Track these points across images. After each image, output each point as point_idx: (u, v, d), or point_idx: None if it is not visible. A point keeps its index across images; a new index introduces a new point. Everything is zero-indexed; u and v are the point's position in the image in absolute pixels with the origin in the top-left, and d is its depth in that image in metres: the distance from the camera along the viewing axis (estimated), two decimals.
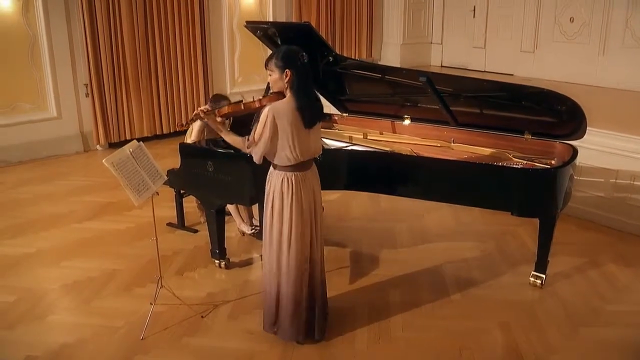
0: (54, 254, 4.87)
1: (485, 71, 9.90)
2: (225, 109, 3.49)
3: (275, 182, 3.36)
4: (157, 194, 3.72)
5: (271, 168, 3.42)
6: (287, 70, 3.19)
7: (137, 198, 3.44)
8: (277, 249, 3.44)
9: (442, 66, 10.80)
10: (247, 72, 9.41)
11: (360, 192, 4.86)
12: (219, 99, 5.09)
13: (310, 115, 3.28)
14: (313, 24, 9.27)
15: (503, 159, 4.32)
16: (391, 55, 10.75)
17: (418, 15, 10.73)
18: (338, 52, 4.82)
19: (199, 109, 3.44)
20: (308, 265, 3.49)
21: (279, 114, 3.19)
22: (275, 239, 3.43)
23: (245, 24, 4.49)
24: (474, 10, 10.04)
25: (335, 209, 5.76)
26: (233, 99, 5.21)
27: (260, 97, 3.47)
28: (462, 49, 10.42)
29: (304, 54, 3.22)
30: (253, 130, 3.28)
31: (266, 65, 3.29)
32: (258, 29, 4.40)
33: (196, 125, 4.95)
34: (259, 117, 3.26)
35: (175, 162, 4.55)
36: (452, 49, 10.71)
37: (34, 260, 4.77)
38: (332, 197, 5.95)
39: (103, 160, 3.38)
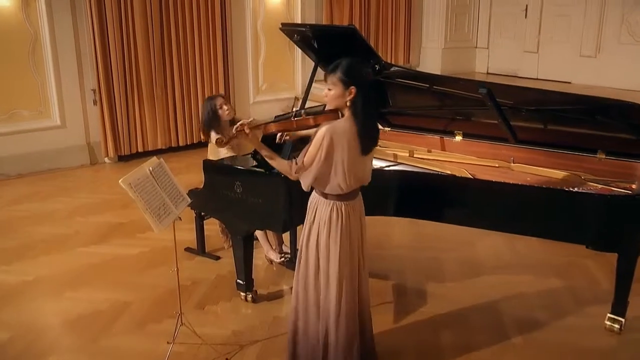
0: (56, 283, 4.79)
1: (537, 79, 9.79)
2: (274, 126, 3.35)
3: (323, 211, 3.26)
4: (180, 219, 3.63)
5: (316, 194, 3.32)
6: (352, 87, 3.07)
7: (158, 224, 3.34)
8: (325, 288, 3.33)
9: (488, 73, 10.73)
10: (272, 79, 9.38)
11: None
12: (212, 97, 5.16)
13: (369, 141, 3.21)
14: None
15: (573, 183, 4.16)
16: (431, 60, 10.69)
17: (462, 17, 10.69)
18: None
19: (242, 122, 3.26)
20: (357, 304, 3.41)
21: (338, 136, 3.08)
22: (322, 277, 3.33)
23: (280, 26, 4.41)
24: (526, 9, 9.95)
25: (374, 235, 5.61)
26: (257, 108, 5.19)
27: (315, 114, 3.34)
28: (512, 54, 10.33)
29: (370, 70, 3.13)
30: (303, 153, 3.18)
31: (326, 78, 3.16)
32: (295, 32, 4.31)
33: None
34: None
35: (194, 178, 4.48)
36: (499, 53, 10.62)
37: (33, 290, 4.69)
38: (369, 221, 5.80)
39: (119, 181, 3.29)
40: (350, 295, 3.34)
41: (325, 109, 3.27)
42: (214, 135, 4.98)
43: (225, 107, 5.03)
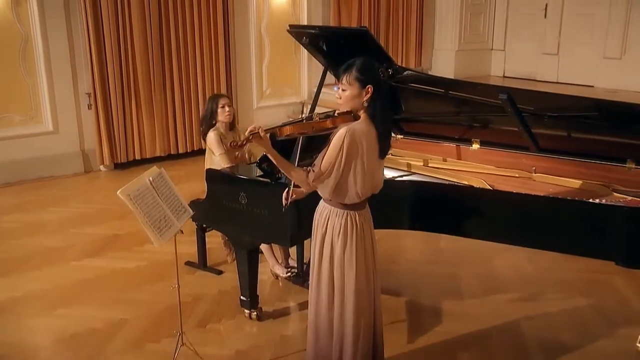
0: (48, 299, 4.75)
1: (557, 82, 9.75)
2: (289, 129, 3.23)
3: (337, 222, 3.23)
4: (182, 232, 3.60)
5: (327, 205, 3.29)
6: (369, 86, 3.06)
7: (159, 238, 3.31)
8: (339, 305, 3.29)
9: (504, 77, 10.71)
10: (277, 84, 9.37)
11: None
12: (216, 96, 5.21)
13: (387, 143, 3.21)
14: (354, 26, 9.22)
15: (600, 194, 4.11)
16: (444, 63, 10.68)
17: (477, 17, 10.68)
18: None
19: (255, 126, 3.15)
20: (372, 320, 3.40)
21: (359, 137, 3.05)
22: (337, 293, 3.30)
23: (288, 28, 4.38)
24: (546, 9, 9.92)
25: (386, 249, 5.57)
26: (261, 113, 5.16)
27: (331, 115, 3.24)
28: (530, 56, 10.31)
29: (386, 68, 3.11)
30: (320, 159, 3.13)
31: (340, 78, 3.14)
32: (304, 34, 4.29)
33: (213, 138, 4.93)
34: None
35: (195, 187, 4.44)
36: (516, 56, 10.60)
37: (22, 307, 4.66)
38: (380, 233, 5.77)
39: (118, 192, 3.26)
40: (368, 311, 3.33)
41: (338, 112, 3.19)
42: (210, 138, 4.95)
43: (226, 108, 5.05)
